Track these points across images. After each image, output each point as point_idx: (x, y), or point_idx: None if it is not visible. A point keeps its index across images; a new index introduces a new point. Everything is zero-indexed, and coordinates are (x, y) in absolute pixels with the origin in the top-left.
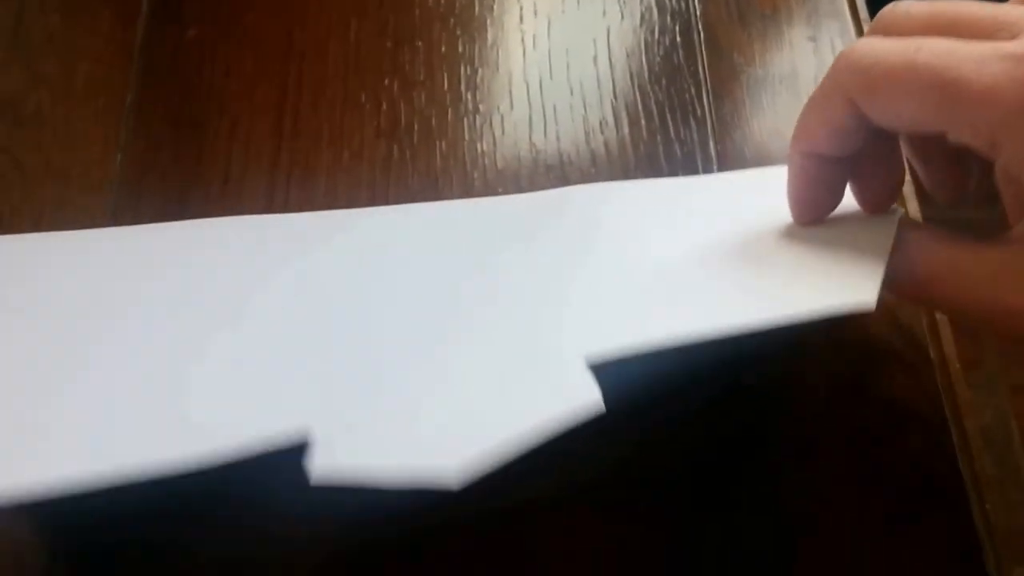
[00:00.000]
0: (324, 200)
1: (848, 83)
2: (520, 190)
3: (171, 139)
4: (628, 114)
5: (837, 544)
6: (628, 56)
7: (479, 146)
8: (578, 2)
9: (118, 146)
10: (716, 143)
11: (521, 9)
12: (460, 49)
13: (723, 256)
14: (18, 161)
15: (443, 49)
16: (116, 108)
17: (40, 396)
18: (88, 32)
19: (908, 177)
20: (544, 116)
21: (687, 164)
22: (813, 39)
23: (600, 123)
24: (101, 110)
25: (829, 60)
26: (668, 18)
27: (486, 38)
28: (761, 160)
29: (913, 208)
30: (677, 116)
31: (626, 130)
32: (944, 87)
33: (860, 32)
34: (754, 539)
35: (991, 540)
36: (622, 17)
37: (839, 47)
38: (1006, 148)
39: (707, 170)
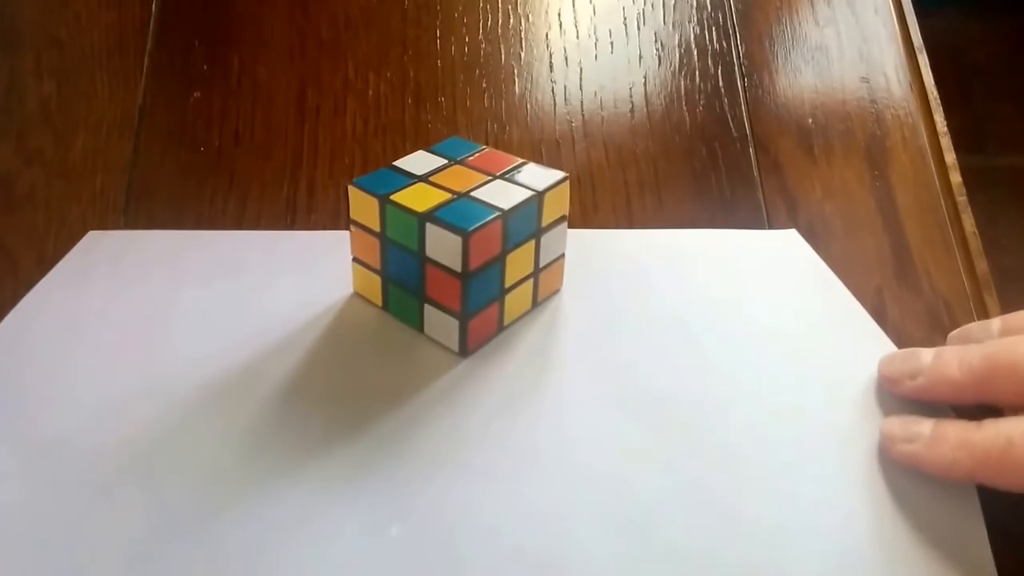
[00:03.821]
0: None
1: None
2: None
3: (174, 222)
4: (669, 173)
5: None
6: (667, 106)
7: None
8: (611, 47)
9: (119, 228)
10: (766, 199)
11: (551, 56)
12: (486, 103)
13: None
14: (9, 251)
15: (468, 104)
16: (115, 186)
17: None
18: (85, 99)
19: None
20: (579, 177)
21: (731, 222)
22: (867, 79)
23: (639, 185)
24: (99, 189)
25: (882, 101)
26: (708, 61)
27: (513, 91)
28: (812, 215)
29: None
30: (722, 174)
31: (667, 191)
32: None
33: (915, 65)
34: None
35: None
36: (659, 62)
37: (894, 85)
38: None
39: (755, 225)
